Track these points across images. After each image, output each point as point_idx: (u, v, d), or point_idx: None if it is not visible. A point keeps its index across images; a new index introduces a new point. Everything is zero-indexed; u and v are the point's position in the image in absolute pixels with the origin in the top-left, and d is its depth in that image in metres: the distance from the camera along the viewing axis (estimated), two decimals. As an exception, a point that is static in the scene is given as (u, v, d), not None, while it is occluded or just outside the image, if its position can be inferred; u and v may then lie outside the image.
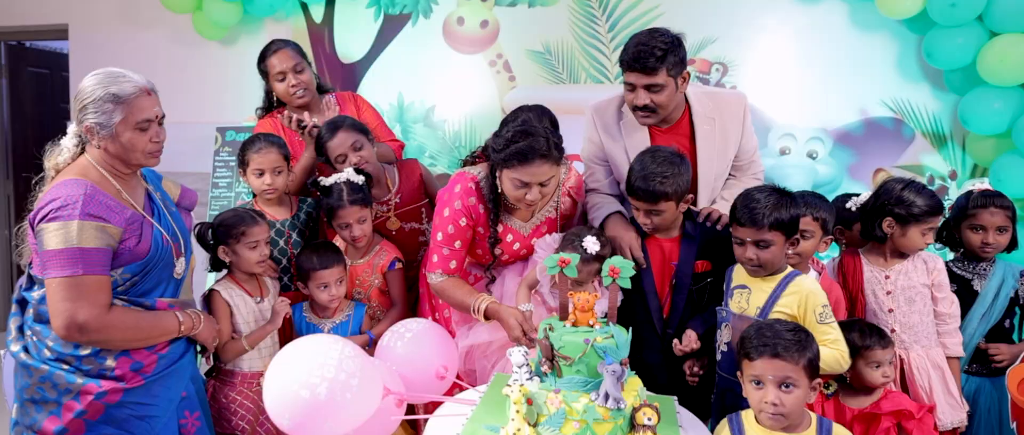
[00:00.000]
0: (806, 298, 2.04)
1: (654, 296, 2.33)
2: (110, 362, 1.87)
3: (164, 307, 1.98)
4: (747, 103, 2.57)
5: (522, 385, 1.67)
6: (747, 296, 2.13)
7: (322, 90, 3.08)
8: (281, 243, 2.61)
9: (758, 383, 1.80)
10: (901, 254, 2.38)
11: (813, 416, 1.85)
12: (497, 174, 2.28)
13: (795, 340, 1.78)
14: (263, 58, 2.95)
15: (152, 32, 4.72)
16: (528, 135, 2.16)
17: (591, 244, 2.05)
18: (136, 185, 2.00)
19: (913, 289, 2.34)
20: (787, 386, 1.76)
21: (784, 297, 2.06)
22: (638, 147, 2.43)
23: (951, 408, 2.30)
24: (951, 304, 2.36)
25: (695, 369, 2.26)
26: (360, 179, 2.56)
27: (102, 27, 4.82)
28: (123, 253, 1.86)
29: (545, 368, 1.75)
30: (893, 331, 2.32)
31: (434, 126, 4.43)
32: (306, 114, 2.89)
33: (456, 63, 4.36)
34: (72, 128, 1.94)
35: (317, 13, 4.51)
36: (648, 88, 2.34)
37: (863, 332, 2.16)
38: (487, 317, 2.27)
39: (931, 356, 2.33)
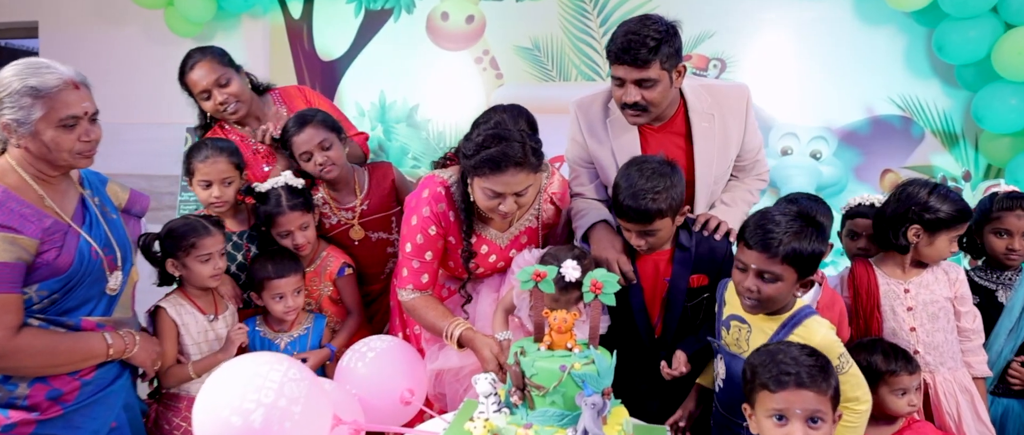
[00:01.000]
0: (829, 349, 1.73)
1: (644, 315, 2.10)
2: (22, 389, 1.65)
3: (91, 327, 1.76)
4: (750, 96, 2.32)
5: (487, 419, 1.45)
6: (746, 334, 1.85)
7: (260, 90, 2.75)
8: (239, 257, 2.39)
9: (780, 418, 1.54)
10: (921, 264, 2.14)
11: None
12: (468, 181, 2.05)
13: (819, 366, 1.54)
14: (182, 73, 2.59)
15: (124, 29, 4.58)
16: (501, 140, 1.91)
17: (570, 270, 1.69)
18: (66, 190, 1.78)
19: (936, 304, 2.10)
20: (815, 421, 1.51)
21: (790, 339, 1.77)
22: (626, 148, 2.21)
23: None
24: (974, 318, 2.13)
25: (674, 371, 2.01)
26: (300, 183, 2.36)
27: (73, 25, 4.69)
28: (40, 267, 1.65)
29: (515, 399, 1.52)
30: (916, 353, 2.08)
31: (417, 126, 4.26)
32: (269, 125, 2.58)
33: (440, 60, 4.20)
34: None
35: (295, 9, 4.35)
36: (639, 83, 2.07)
37: (887, 355, 1.92)
38: (461, 345, 2.04)
39: (958, 379, 2.10)
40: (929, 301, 2.11)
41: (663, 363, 1.97)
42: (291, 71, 4.36)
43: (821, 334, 1.74)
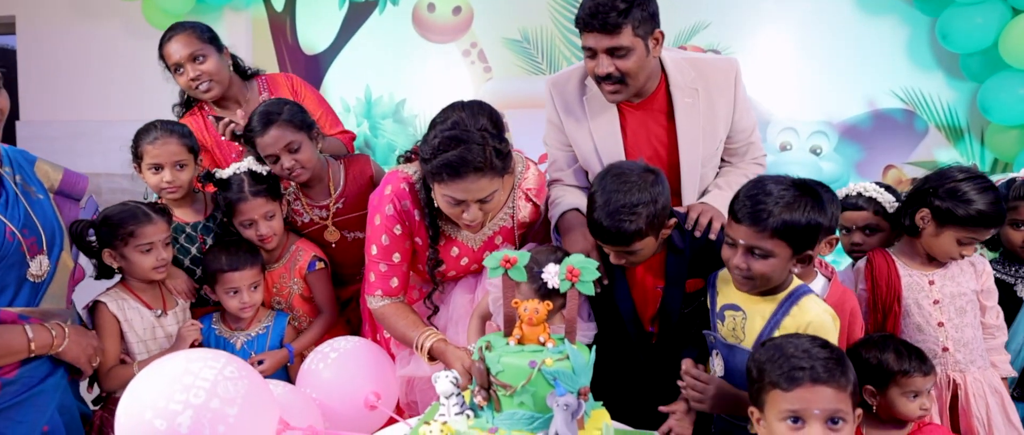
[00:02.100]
0: (807, 329, 1.58)
1: (636, 324, 1.93)
2: None
3: (11, 319, 1.60)
4: (739, 69, 2.15)
5: (445, 423, 1.30)
6: (742, 321, 1.68)
7: (246, 74, 2.63)
8: (194, 250, 2.22)
9: (796, 420, 1.36)
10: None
11: None
12: (430, 186, 1.89)
13: (835, 359, 1.36)
14: (161, 45, 2.49)
15: (102, 24, 4.50)
16: (459, 143, 1.73)
17: (552, 276, 1.53)
18: None
19: (963, 297, 1.94)
20: (835, 422, 1.33)
21: (784, 321, 1.61)
22: (605, 128, 2.05)
23: None
24: (998, 315, 1.98)
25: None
26: (264, 169, 2.19)
27: (51, 20, 4.62)
28: None
29: (479, 399, 1.37)
30: (945, 350, 1.93)
31: (404, 122, 4.17)
32: (239, 113, 2.43)
33: (427, 53, 4.12)
34: None
35: (278, 2, 4.27)
36: (610, 53, 1.93)
37: (900, 353, 1.74)
38: (432, 358, 1.86)
39: (988, 379, 1.94)
40: (957, 294, 1.95)
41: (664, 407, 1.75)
42: (274, 65, 4.28)
43: (813, 313, 1.58)
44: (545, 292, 1.56)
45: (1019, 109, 3.15)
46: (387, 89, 4.16)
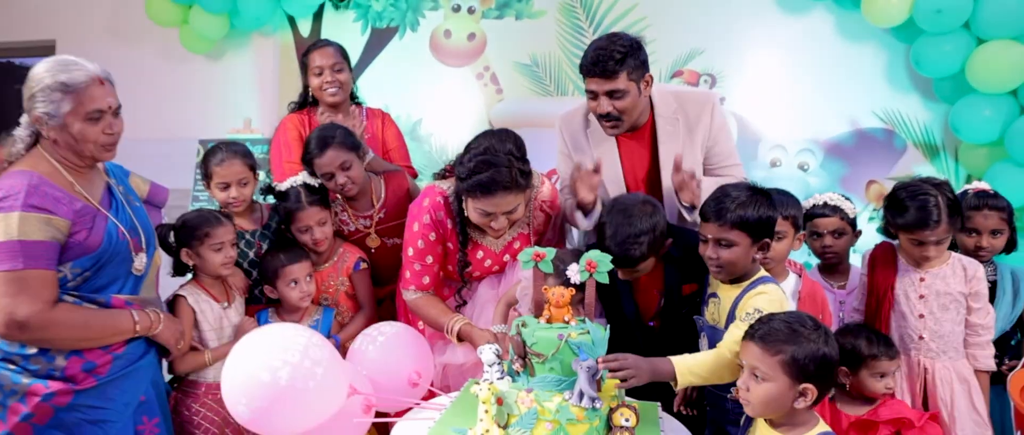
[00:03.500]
0: (745, 301, 1.87)
1: (639, 323, 2.23)
2: (60, 361, 1.78)
3: (120, 305, 1.90)
4: (716, 101, 2.47)
5: (491, 384, 1.59)
6: (718, 305, 2.00)
7: (356, 100, 3.11)
8: (251, 255, 2.52)
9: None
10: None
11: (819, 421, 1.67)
12: (462, 200, 2.21)
13: (786, 331, 1.59)
14: (307, 52, 3.01)
15: (139, 47, 4.68)
16: (490, 166, 2.06)
17: (574, 273, 1.79)
18: (93, 178, 1.92)
19: (949, 296, 2.18)
20: (757, 377, 1.59)
21: (742, 301, 1.90)
22: (606, 156, 2.37)
23: (975, 425, 2.14)
24: (987, 315, 2.20)
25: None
26: (316, 182, 2.50)
27: (89, 43, 4.72)
28: (73, 246, 1.79)
29: (517, 367, 1.67)
30: (921, 338, 2.19)
31: (421, 140, 4.39)
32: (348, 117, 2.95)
33: (443, 76, 4.35)
34: (24, 118, 1.87)
35: (304, 27, 4.50)
36: (610, 95, 2.25)
37: (870, 340, 2.05)
38: (460, 339, 2.20)
39: (957, 368, 2.18)
40: (943, 292, 2.17)
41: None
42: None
43: (762, 298, 1.85)
44: (567, 285, 1.86)
45: (985, 129, 3.41)
46: (405, 109, 4.36)
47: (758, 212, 1.88)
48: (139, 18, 4.45)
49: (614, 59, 2.20)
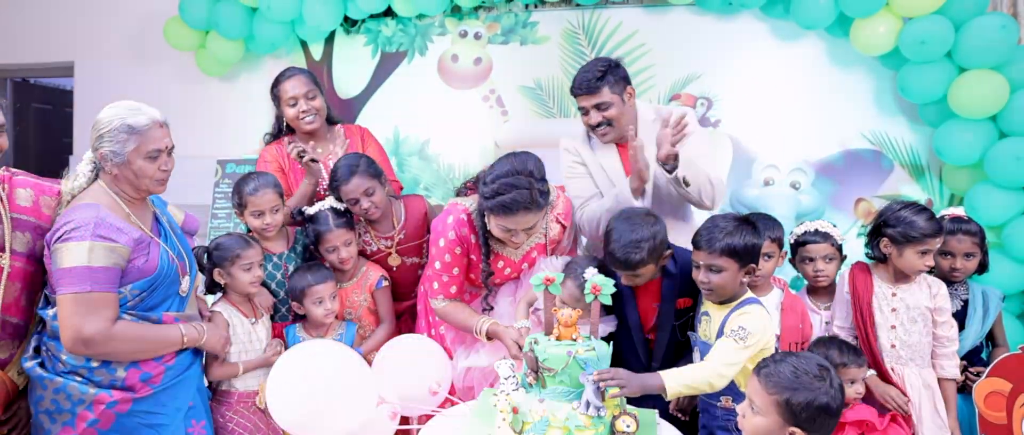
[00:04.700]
0: (732, 319, 2.06)
1: (640, 331, 2.43)
2: (120, 373, 1.97)
3: (170, 321, 2.09)
4: (691, 112, 2.76)
5: (508, 395, 1.77)
6: (709, 323, 2.18)
7: (332, 121, 3.15)
8: (279, 276, 2.70)
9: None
10: (906, 276, 2.43)
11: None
12: (485, 215, 2.40)
13: (776, 370, 1.72)
14: (277, 83, 3.02)
15: (156, 69, 4.80)
16: (513, 188, 2.25)
17: (593, 275, 2.01)
18: (145, 209, 2.12)
19: (917, 310, 2.41)
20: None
21: (729, 319, 2.09)
22: (611, 163, 2.70)
23: (938, 428, 2.36)
24: (950, 328, 2.43)
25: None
26: (342, 205, 2.68)
27: (108, 64, 4.90)
28: (132, 271, 1.98)
29: (531, 379, 1.85)
30: (893, 347, 2.41)
31: (429, 159, 4.54)
32: (310, 144, 2.97)
33: (450, 98, 4.48)
34: (87, 154, 2.06)
35: (316, 51, 4.64)
36: (597, 108, 2.62)
37: (842, 350, 2.27)
38: (489, 337, 2.41)
39: (923, 375, 2.41)
40: (912, 306, 2.41)
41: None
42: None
43: (746, 317, 2.04)
44: (582, 294, 2.05)
45: (966, 152, 3.56)
46: (413, 130, 4.52)
47: (744, 240, 2.07)
48: (157, 41, 4.56)
49: (595, 77, 2.61)
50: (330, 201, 2.68)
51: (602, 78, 2.60)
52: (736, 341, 1.97)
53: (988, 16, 3.46)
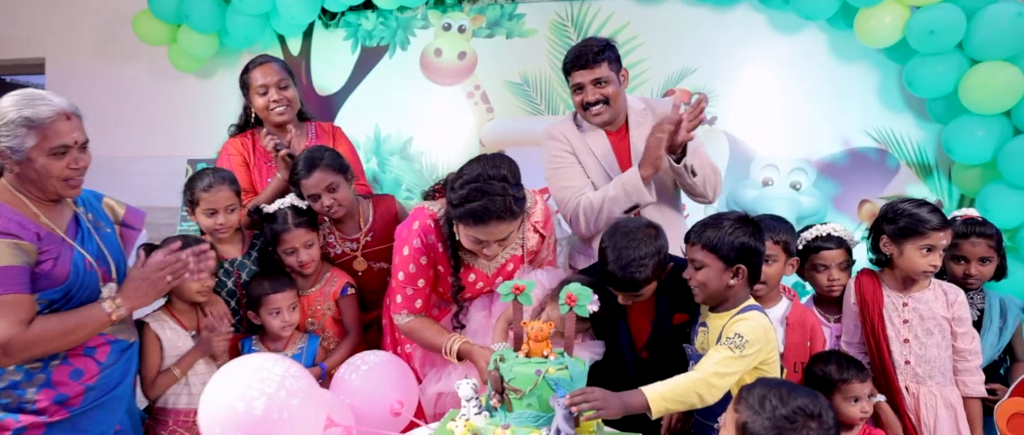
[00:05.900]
0: (729, 325, 1.85)
1: (632, 350, 2.20)
2: (31, 394, 1.77)
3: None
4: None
5: (468, 420, 1.55)
6: (706, 334, 1.97)
7: (303, 117, 2.94)
8: (230, 284, 2.48)
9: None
10: (913, 280, 2.22)
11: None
12: (454, 225, 2.16)
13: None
14: (247, 70, 2.83)
15: (128, 65, 4.69)
16: (484, 194, 1.99)
17: (593, 305, 1.76)
18: (59, 209, 1.91)
19: (932, 320, 2.19)
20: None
21: (726, 327, 1.88)
22: (599, 144, 2.58)
23: None
24: (972, 340, 2.20)
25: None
26: (304, 204, 2.46)
27: (79, 61, 4.80)
28: (40, 277, 1.78)
29: (495, 402, 1.63)
30: (908, 363, 2.18)
31: (411, 159, 4.39)
32: (289, 135, 2.75)
33: (434, 95, 4.33)
34: None
35: (294, 46, 4.50)
36: (595, 83, 2.48)
37: (841, 365, 2.05)
38: (460, 358, 2.16)
39: (944, 394, 2.18)
40: (926, 316, 2.19)
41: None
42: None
43: (744, 324, 1.83)
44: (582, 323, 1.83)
45: (978, 150, 3.39)
46: (395, 128, 4.37)
47: (732, 238, 1.85)
48: (128, 37, 4.45)
49: (594, 51, 2.47)
50: (291, 198, 2.46)
51: (602, 52, 2.47)
52: (732, 349, 1.76)
53: (1002, 3, 3.27)
